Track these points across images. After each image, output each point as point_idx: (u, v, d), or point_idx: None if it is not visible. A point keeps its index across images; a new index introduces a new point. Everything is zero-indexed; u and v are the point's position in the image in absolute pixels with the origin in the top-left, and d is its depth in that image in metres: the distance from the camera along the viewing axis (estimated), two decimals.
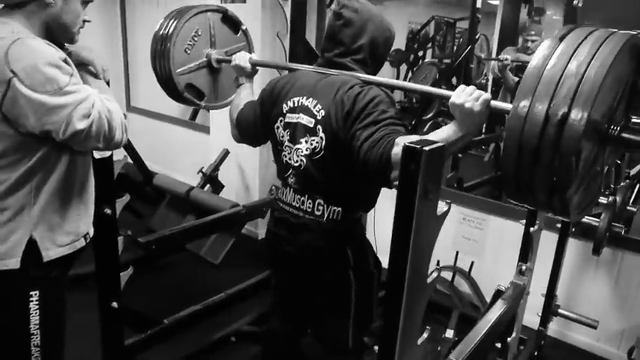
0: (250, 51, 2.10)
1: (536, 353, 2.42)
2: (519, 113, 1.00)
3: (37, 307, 1.32)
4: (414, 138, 1.20)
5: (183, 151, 4.62)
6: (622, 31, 1.01)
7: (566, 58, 0.98)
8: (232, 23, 2.06)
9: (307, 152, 1.47)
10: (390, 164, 1.25)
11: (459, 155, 3.85)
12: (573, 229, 2.33)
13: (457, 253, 2.87)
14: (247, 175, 3.63)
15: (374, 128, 1.32)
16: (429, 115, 3.99)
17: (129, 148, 3.85)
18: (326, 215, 1.49)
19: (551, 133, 0.96)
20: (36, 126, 1.18)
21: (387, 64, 7.96)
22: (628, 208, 2.66)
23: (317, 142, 1.45)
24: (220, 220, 2.36)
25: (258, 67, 1.84)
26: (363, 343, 1.71)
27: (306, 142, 1.47)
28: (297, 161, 1.50)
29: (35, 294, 1.31)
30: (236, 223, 2.93)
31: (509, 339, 1.85)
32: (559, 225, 2.32)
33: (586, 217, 2.30)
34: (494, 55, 5.08)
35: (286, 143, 1.53)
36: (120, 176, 3.48)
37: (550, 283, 2.38)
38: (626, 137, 1.09)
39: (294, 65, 1.70)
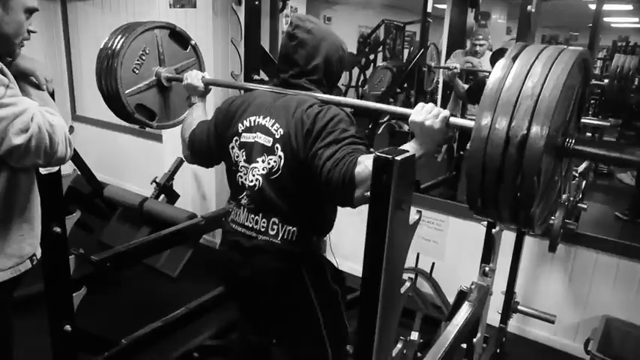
0: (201, 67, 2.06)
1: (498, 350, 2.46)
2: (481, 135, 1.00)
3: None
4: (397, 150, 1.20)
5: (134, 161, 4.46)
6: (571, 49, 1.04)
7: (522, 78, 1.00)
8: (181, 39, 2.02)
9: (264, 172, 1.43)
10: (354, 183, 1.23)
11: None
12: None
13: (418, 254, 2.90)
14: (204, 183, 3.54)
15: (336, 147, 1.31)
16: (384, 119, 4.03)
17: (76, 159, 3.68)
18: (280, 235, 1.44)
19: (512, 153, 0.97)
20: None
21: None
22: (579, 205, 2.77)
23: (274, 162, 1.42)
24: (178, 233, 2.27)
25: (210, 87, 1.80)
26: (343, 353, 1.67)
27: (263, 161, 1.43)
28: (252, 181, 1.45)
29: None
30: (195, 235, 2.84)
31: (474, 340, 1.86)
32: None
33: None
34: (443, 59, 5.20)
35: (242, 163, 1.49)
36: (69, 189, 3.31)
37: (509, 280, 2.43)
38: (580, 149, 1.12)
39: (249, 85, 1.70)
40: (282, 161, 1.41)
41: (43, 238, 1.40)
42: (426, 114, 1.23)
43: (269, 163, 1.42)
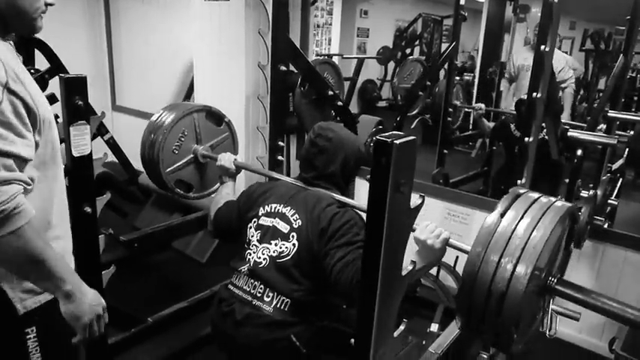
0: (234, 142, 2.22)
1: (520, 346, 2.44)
2: (469, 282, 1.10)
3: (37, 344, 1.17)
4: None
5: None
6: (559, 205, 1.14)
7: (506, 237, 1.07)
8: (216, 117, 2.18)
9: (274, 254, 1.56)
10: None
11: (445, 151, 3.88)
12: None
13: None
14: None
15: (347, 250, 1.45)
16: (413, 112, 4.01)
17: (114, 147, 3.83)
18: (274, 303, 1.52)
19: (493, 305, 1.06)
20: None
21: (374, 62, 7.99)
22: (609, 201, 2.71)
23: (287, 248, 1.54)
24: (204, 218, 2.35)
25: (241, 168, 1.95)
26: None
27: (276, 244, 1.57)
28: (259, 258, 1.57)
29: (32, 330, 1.16)
30: None
31: None
32: None
33: None
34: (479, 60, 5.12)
35: (253, 242, 1.61)
36: (103, 175, 3.46)
37: None
38: (560, 289, 1.27)
39: (275, 174, 1.91)
40: (295, 249, 1.54)
41: (74, 217, 1.46)
42: (428, 233, 1.36)
43: (280, 248, 1.56)
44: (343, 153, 1.65)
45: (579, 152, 2.72)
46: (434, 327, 2.34)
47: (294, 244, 1.55)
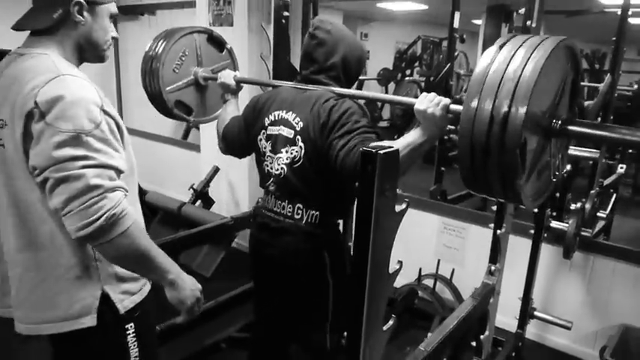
0: (235, 68, 2.23)
1: (513, 354, 2.52)
2: (469, 115, 1.13)
3: (135, 339, 1.31)
4: (384, 143, 1.35)
5: (174, 169, 4.74)
6: (552, 37, 1.15)
7: (505, 63, 1.11)
8: (217, 43, 2.21)
9: (287, 161, 1.60)
10: None
11: (442, 169, 4.00)
12: (545, 235, 2.46)
13: (439, 261, 2.99)
14: (237, 190, 3.75)
15: (348, 137, 1.46)
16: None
17: None
18: (305, 219, 1.61)
19: (496, 130, 1.09)
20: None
21: (375, 83, 8.16)
22: (598, 215, 2.82)
23: (296, 152, 1.58)
24: (209, 232, 2.47)
25: (242, 84, 1.97)
26: (341, 345, 1.81)
27: (287, 151, 1.60)
28: (277, 169, 1.62)
29: (130, 326, 1.30)
30: (225, 234, 3.04)
31: (482, 337, 1.95)
32: (532, 231, 2.45)
33: (556, 223, 2.44)
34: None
35: (268, 153, 1.66)
36: None
37: (526, 286, 2.50)
38: (569, 129, 1.23)
39: (275, 82, 1.85)
40: (303, 151, 1.57)
41: None
42: (428, 102, 1.34)
43: (291, 153, 1.59)
44: (343, 46, 1.63)
45: (568, 167, 2.83)
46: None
47: (300, 147, 1.57)
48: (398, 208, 1.09)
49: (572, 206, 2.48)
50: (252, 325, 2.10)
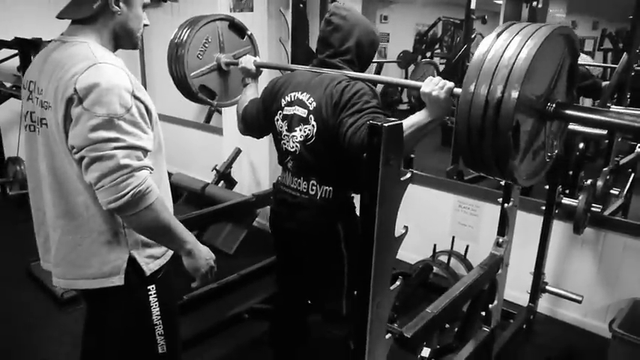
0: (256, 54, 2.34)
1: (524, 326, 2.61)
2: (466, 99, 1.22)
3: (156, 299, 1.44)
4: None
5: (198, 152, 4.90)
6: (549, 25, 1.23)
7: (501, 50, 1.20)
8: (239, 29, 2.32)
9: (301, 139, 1.70)
10: None
11: None
12: (557, 211, 2.53)
13: (453, 238, 3.08)
14: (258, 171, 3.89)
15: (358, 116, 1.55)
16: None
17: None
18: (319, 194, 1.72)
19: (490, 114, 1.18)
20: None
21: (394, 65, 8.16)
22: (612, 192, 2.86)
23: (309, 130, 1.68)
24: (231, 208, 2.60)
25: (262, 69, 2.08)
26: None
27: (300, 130, 1.70)
28: (292, 147, 1.73)
29: (152, 287, 1.43)
30: (247, 212, 3.16)
31: (490, 306, 2.05)
32: (543, 208, 2.52)
33: (567, 199, 2.51)
34: None
35: (284, 132, 1.76)
36: None
37: (537, 261, 2.58)
38: (563, 112, 1.31)
39: (292, 66, 1.95)
40: (315, 129, 1.67)
41: None
42: (433, 85, 1.44)
43: (305, 132, 1.69)
44: (358, 31, 1.71)
45: (581, 145, 2.88)
46: None
47: (313, 125, 1.66)
48: (403, 177, 1.19)
49: (586, 183, 2.54)
50: (274, 295, 2.23)
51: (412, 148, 1.47)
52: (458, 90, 1.41)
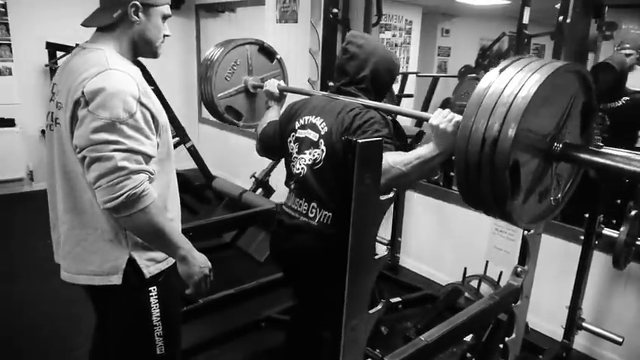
0: (284, 77, 2.39)
1: None
2: (463, 134, 1.16)
3: (157, 300, 1.46)
4: (397, 154, 1.44)
5: (243, 157, 5.00)
6: (554, 62, 1.16)
7: (502, 86, 1.13)
8: (268, 53, 2.38)
9: (309, 162, 1.70)
10: None
11: None
12: (597, 242, 2.34)
13: (487, 262, 2.92)
14: None
15: None
16: None
17: (194, 154, 4.27)
18: (317, 218, 1.69)
19: (487, 150, 1.12)
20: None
21: (455, 80, 7.98)
22: None
23: (318, 154, 1.67)
24: (253, 215, 2.62)
25: (286, 93, 2.12)
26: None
27: (310, 153, 1.70)
28: (299, 169, 1.72)
29: (154, 289, 1.45)
30: (269, 220, 3.18)
31: (507, 339, 1.92)
32: (582, 237, 2.34)
33: (608, 230, 2.31)
34: None
35: (294, 155, 1.77)
36: (184, 180, 3.88)
37: (573, 295, 2.39)
38: (570, 154, 1.22)
39: (312, 91, 2.02)
40: (324, 154, 1.66)
41: None
42: (441, 118, 1.40)
43: (313, 155, 1.69)
44: (374, 59, 1.71)
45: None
46: (468, 337, 2.41)
47: (322, 150, 1.66)
48: (384, 196, 1.14)
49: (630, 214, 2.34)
50: (293, 307, 2.21)
51: (417, 180, 1.42)
52: None
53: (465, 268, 2.92)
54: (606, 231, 2.30)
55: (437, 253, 3.43)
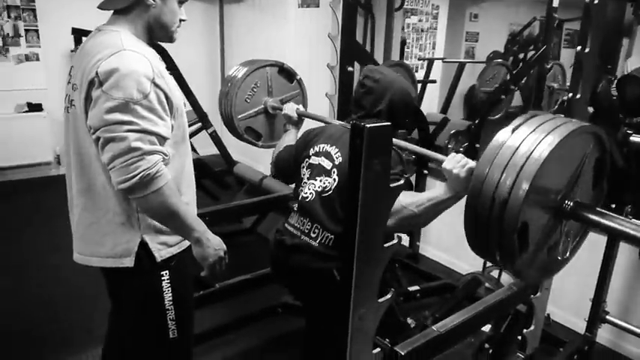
0: (304, 98, 2.42)
1: (575, 357, 2.37)
2: (474, 192, 1.16)
3: (169, 284, 1.47)
4: (410, 195, 1.47)
5: None
6: (568, 123, 1.14)
7: (514, 147, 1.12)
8: (288, 74, 2.41)
9: (318, 189, 1.71)
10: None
11: None
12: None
13: None
14: None
15: None
16: (496, 117, 3.94)
17: (216, 139, 4.28)
18: (319, 239, 1.67)
19: (496, 211, 1.12)
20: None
21: (483, 66, 7.80)
22: None
23: (329, 183, 1.68)
24: (273, 201, 2.62)
25: (303, 117, 2.13)
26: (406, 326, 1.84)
27: (321, 180, 1.71)
28: (307, 194, 1.73)
29: (165, 273, 1.46)
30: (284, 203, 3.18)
31: (526, 331, 1.88)
32: None
33: (636, 221, 2.23)
34: None
35: (305, 180, 1.77)
36: (202, 165, 3.90)
37: (597, 288, 2.33)
38: (580, 214, 1.20)
39: (328, 119, 2.07)
40: (335, 184, 1.68)
41: None
42: (455, 163, 1.41)
43: (324, 183, 1.70)
44: (390, 94, 1.73)
45: None
46: (486, 327, 2.37)
47: (334, 179, 1.68)
48: (394, 184, 1.11)
49: None
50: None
51: (430, 221, 1.52)
52: None
53: (485, 262, 2.86)
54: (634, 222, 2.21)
55: (458, 242, 3.36)
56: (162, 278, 1.47)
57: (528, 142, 1.11)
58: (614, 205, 2.24)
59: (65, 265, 1.68)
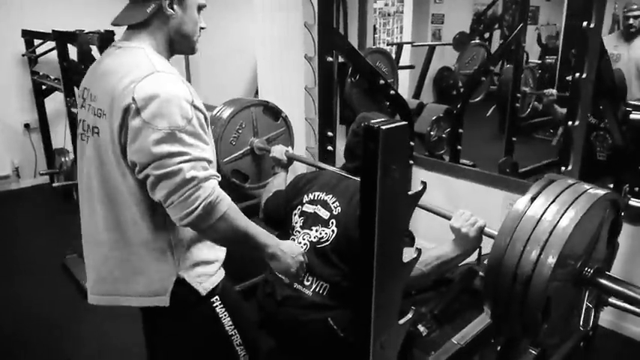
0: (290, 136, 2.33)
1: (581, 344, 2.30)
2: (493, 267, 1.11)
3: (224, 309, 1.38)
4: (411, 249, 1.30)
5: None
6: (590, 192, 1.12)
7: (534, 221, 1.08)
8: (273, 112, 2.31)
9: (314, 239, 1.59)
10: None
11: (513, 139, 3.70)
12: (623, 213, 2.19)
13: None
14: None
15: None
16: (477, 99, 3.86)
17: None
18: (313, 287, 1.56)
19: (518, 289, 1.07)
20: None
21: (450, 48, 7.76)
22: None
23: (326, 234, 1.58)
24: (255, 206, 2.47)
25: (293, 159, 2.04)
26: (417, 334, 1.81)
27: (317, 231, 1.60)
28: (300, 243, 1.60)
29: (216, 299, 1.37)
30: None
31: None
32: None
33: (635, 200, 2.17)
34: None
35: (297, 228, 1.66)
36: None
37: None
38: (598, 282, 1.17)
39: (322, 164, 1.99)
40: (334, 235, 1.58)
41: None
42: (463, 221, 1.38)
43: (320, 234, 1.60)
44: None
45: None
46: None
47: (333, 230, 1.59)
48: (413, 189, 0.97)
49: None
50: None
51: (435, 278, 1.51)
52: (488, 230, 1.35)
53: (480, 248, 2.77)
54: (633, 201, 2.16)
55: (447, 232, 3.28)
56: (214, 305, 1.36)
57: (550, 214, 1.07)
58: (611, 185, 2.18)
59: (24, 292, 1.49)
